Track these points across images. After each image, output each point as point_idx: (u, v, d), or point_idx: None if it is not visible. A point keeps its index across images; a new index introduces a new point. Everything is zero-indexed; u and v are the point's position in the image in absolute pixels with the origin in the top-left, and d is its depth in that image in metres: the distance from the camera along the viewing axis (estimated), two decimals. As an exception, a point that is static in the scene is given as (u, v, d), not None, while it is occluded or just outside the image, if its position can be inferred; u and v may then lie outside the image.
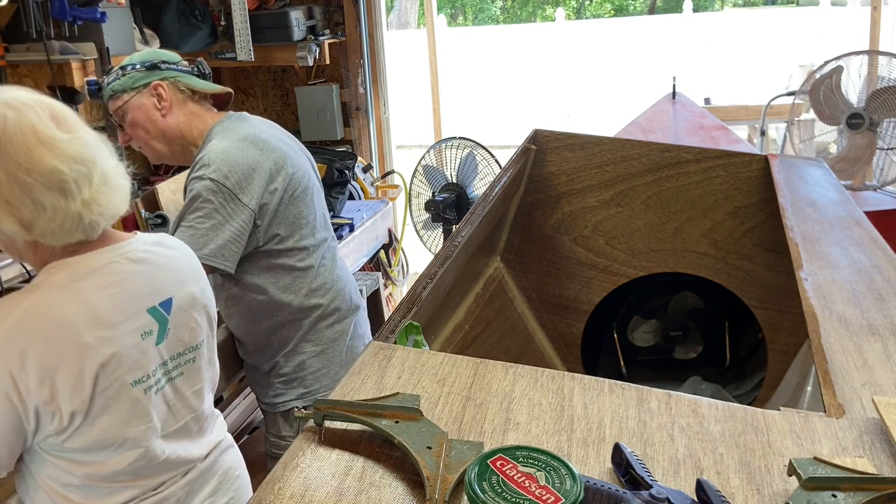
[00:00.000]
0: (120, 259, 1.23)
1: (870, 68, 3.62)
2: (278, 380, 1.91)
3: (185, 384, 1.34)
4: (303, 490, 0.87)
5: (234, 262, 1.74)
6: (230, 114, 1.90)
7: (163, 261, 1.31)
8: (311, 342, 1.90)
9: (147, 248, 1.29)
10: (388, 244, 3.68)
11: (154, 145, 1.87)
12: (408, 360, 1.16)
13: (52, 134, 1.14)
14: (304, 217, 1.86)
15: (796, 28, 19.93)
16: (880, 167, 3.65)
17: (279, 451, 1.93)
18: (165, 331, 1.28)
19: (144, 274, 1.26)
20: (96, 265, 1.20)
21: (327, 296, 1.90)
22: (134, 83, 1.81)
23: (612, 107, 10.29)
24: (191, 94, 1.86)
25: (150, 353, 1.25)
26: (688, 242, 2.47)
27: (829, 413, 1.03)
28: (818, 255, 1.61)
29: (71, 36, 2.57)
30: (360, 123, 4.04)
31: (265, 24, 3.59)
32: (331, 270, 1.94)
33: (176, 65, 1.86)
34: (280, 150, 1.84)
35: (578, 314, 2.59)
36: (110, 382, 1.18)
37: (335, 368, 1.91)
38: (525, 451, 0.80)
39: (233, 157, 1.73)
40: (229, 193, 1.70)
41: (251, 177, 1.74)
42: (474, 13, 28.74)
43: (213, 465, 1.41)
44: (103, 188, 1.18)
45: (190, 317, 1.33)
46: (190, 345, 1.34)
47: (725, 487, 0.88)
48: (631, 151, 2.46)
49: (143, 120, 1.83)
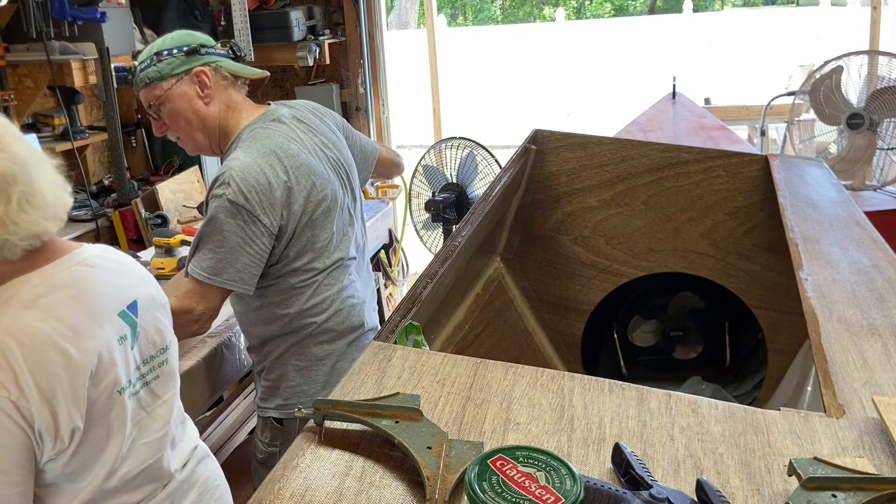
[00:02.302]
0: (75, 268, 1.19)
1: (870, 68, 3.62)
2: (264, 384, 1.87)
3: (161, 388, 1.31)
4: (303, 490, 0.87)
5: (254, 284, 1.68)
6: (266, 111, 1.79)
7: (116, 266, 1.28)
8: (296, 356, 1.82)
9: (98, 253, 1.26)
10: (389, 244, 3.68)
11: (195, 136, 1.77)
12: (408, 360, 1.16)
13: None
14: (319, 241, 1.76)
15: (796, 28, 19.92)
16: (880, 167, 3.65)
17: (257, 454, 1.93)
18: (136, 333, 1.26)
19: (105, 280, 1.22)
20: (59, 276, 1.16)
21: (321, 315, 1.80)
22: (174, 69, 1.70)
23: (612, 107, 10.29)
24: (233, 80, 1.76)
25: (128, 357, 1.23)
26: (688, 242, 2.47)
27: (829, 413, 1.03)
28: (818, 255, 1.61)
29: (71, 36, 2.58)
30: (361, 123, 4.04)
31: (265, 24, 3.60)
32: (335, 291, 1.81)
33: (213, 48, 1.75)
34: (308, 165, 1.73)
35: (578, 314, 2.59)
36: (100, 392, 1.16)
37: (316, 388, 1.82)
38: (525, 451, 0.80)
39: (254, 174, 1.63)
40: (248, 215, 1.62)
41: (272, 196, 1.65)
42: (474, 13, 28.74)
43: (192, 476, 1.39)
44: (26, 206, 1.11)
45: (154, 317, 1.31)
46: (160, 346, 1.32)
47: (725, 487, 0.88)
48: (631, 151, 2.46)
49: (186, 109, 1.72)
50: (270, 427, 1.88)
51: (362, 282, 1.94)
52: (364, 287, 1.94)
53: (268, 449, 1.89)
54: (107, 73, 2.74)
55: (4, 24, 2.62)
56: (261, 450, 1.91)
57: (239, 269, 1.65)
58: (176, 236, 2.32)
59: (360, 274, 1.93)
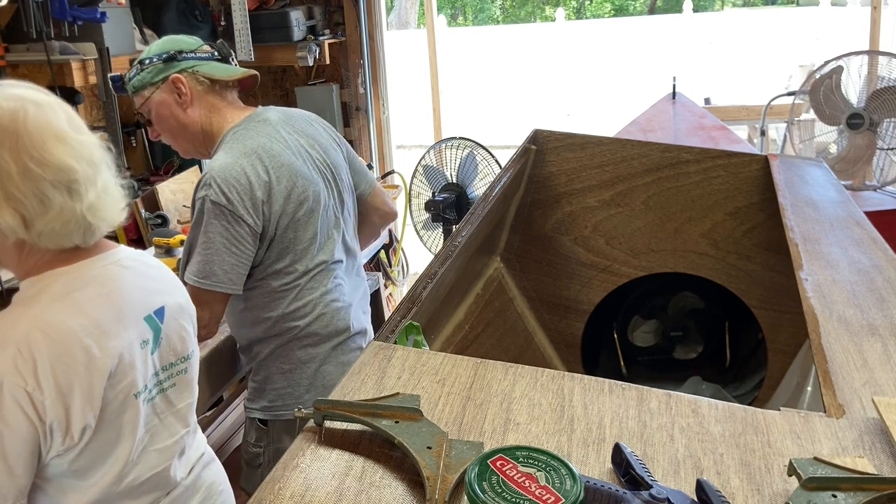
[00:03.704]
0: (111, 267, 1.21)
1: (870, 68, 3.62)
2: (251, 385, 1.87)
3: (177, 396, 1.31)
4: (303, 490, 0.87)
5: (242, 283, 1.69)
6: (252, 113, 1.79)
7: (149, 271, 1.30)
8: (280, 359, 1.81)
9: (133, 256, 1.28)
10: (389, 244, 3.69)
11: (180, 141, 1.79)
12: (408, 360, 1.16)
13: (69, 132, 1.14)
14: (301, 242, 1.75)
15: (796, 28, 19.92)
16: (880, 167, 3.65)
17: (244, 454, 1.92)
18: (159, 339, 1.26)
19: (136, 282, 1.24)
20: (92, 273, 1.18)
21: (304, 319, 1.78)
22: (153, 78, 1.72)
23: (612, 107, 10.29)
24: (210, 85, 1.76)
25: (147, 362, 1.23)
26: (688, 242, 2.47)
27: (829, 413, 1.04)
28: (818, 256, 1.61)
29: (71, 36, 2.57)
30: (360, 123, 4.04)
31: (265, 24, 3.59)
32: (318, 295, 1.79)
33: (194, 52, 1.75)
34: (290, 165, 1.72)
35: (578, 314, 2.59)
36: (116, 394, 1.17)
37: (300, 391, 1.81)
38: (525, 451, 0.80)
39: (235, 174, 1.64)
40: (231, 215, 1.63)
41: (254, 196, 1.65)
42: (474, 13, 28.75)
43: (197, 482, 1.38)
44: (104, 195, 1.18)
45: (180, 325, 1.32)
46: (182, 355, 1.32)
47: (725, 487, 0.88)
48: (631, 151, 2.46)
49: (167, 116, 1.75)
50: (256, 428, 1.88)
51: (351, 284, 1.91)
52: (352, 290, 1.92)
53: (252, 449, 1.89)
54: (107, 73, 2.73)
55: (4, 24, 2.62)
56: (247, 450, 1.91)
57: (227, 271, 1.65)
58: (176, 236, 2.32)
59: (348, 276, 1.91)
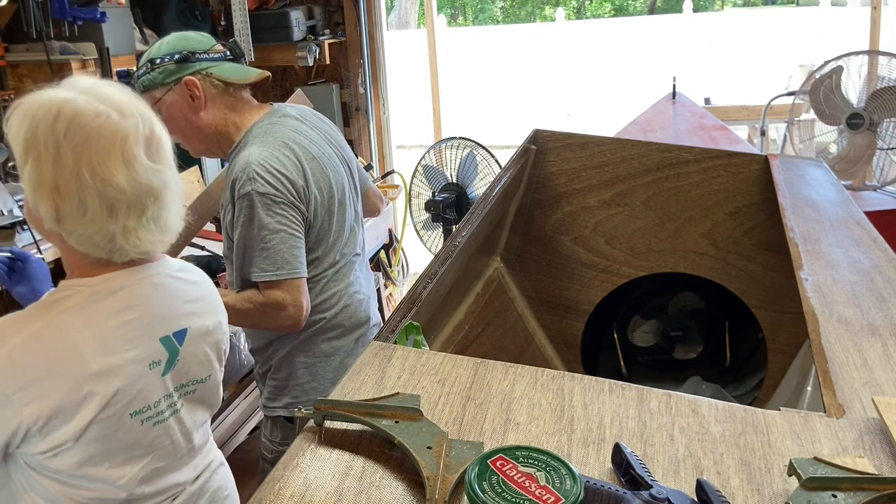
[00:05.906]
0: (142, 282, 1.20)
1: (870, 68, 3.62)
2: (271, 384, 1.87)
3: (188, 415, 1.30)
4: (303, 490, 0.87)
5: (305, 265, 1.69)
6: (272, 109, 1.80)
7: (184, 288, 1.27)
8: (304, 353, 1.81)
9: (171, 273, 1.25)
10: (389, 244, 3.68)
11: (192, 142, 1.79)
12: (408, 360, 1.17)
13: (137, 154, 1.12)
14: (332, 234, 1.77)
15: (796, 28, 19.91)
16: (880, 167, 3.65)
17: (267, 454, 1.92)
18: (174, 361, 1.24)
19: (163, 301, 1.22)
20: (118, 286, 1.17)
21: (330, 311, 1.80)
22: (165, 79, 1.70)
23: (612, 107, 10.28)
24: (224, 87, 1.74)
25: (154, 383, 1.21)
26: (688, 242, 2.47)
27: (829, 413, 1.04)
28: (818, 256, 1.61)
29: (71, 36, 2.57)
30: (360, 123, 4.04)
31: (265, 24, 3.59)
32: (343, 287, 1.82)
33: (207, 52, 1.74)
34: (319, 158, 1.74)
35: (578, 314, 2.59)
36: (110, 413, 1.15)
37: (325, 385, 1.81)
38: (525, 451, 0.80)
39: (275, 164, 1.64)
40: (283, 202, 1.63)
41: (296, 185, 1.66)
42: (474, 13, 28.74)
43: (203, 487, 1.37)
44: (150, 226, 1.15)
45: (201, 350, 1.29)
46: (196, 377, 1.30)
47: (725, 487, 0.88)
48: (631, 151, 2.46)
49: (179, 118, 1.72)
50: (281, 426, 1.87)
51: (365, 278, 1.96)
52: (367, 283, 1.96)
53: (279, 448, 1.88)
54: (107, 73, 2.73)
55: (4, 24, 2.62)
56: (270, 449, 1.90)
57: (297, 256, 1.65)
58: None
59: (362, 270, 1.95)
